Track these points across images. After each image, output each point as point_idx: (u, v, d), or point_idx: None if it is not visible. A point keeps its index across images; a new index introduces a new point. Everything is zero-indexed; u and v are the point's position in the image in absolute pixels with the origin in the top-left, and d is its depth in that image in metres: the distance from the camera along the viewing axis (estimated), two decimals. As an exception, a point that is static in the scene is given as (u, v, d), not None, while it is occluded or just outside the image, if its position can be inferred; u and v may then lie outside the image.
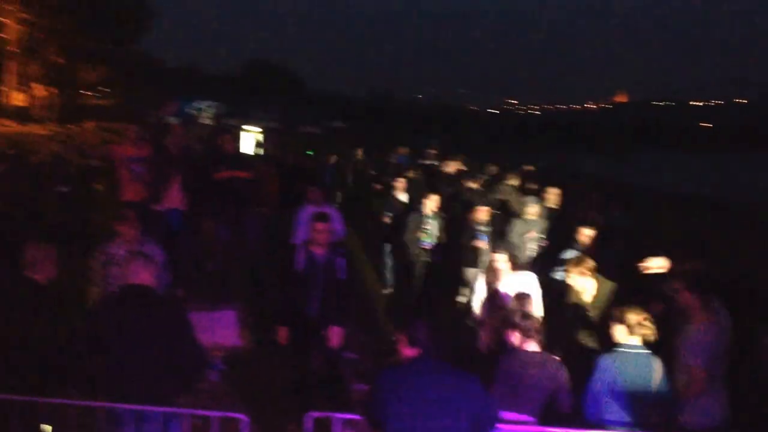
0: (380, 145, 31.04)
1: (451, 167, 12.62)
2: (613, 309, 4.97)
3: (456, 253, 9.27)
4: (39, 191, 12.59)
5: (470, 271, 8.57)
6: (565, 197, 10.76)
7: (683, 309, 5.06)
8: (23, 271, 4.75)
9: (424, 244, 9.02)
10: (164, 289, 5.54)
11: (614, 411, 4.55)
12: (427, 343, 3.75)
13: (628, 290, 6.38)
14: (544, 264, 8.27)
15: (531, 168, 14.34)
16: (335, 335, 6.40)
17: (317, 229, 6.40)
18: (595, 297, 6.02)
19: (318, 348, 6.50)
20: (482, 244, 8.77)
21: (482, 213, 9.02)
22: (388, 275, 10.17)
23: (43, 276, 4.78)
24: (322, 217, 6.53)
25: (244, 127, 28.55)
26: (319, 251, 6.40)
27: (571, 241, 8.21)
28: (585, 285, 6.03)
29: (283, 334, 6.35)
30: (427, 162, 12.97)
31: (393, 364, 4.17)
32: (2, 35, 33.04)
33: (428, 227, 9.04)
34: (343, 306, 6.44)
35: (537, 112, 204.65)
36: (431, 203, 9.16)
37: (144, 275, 4.44)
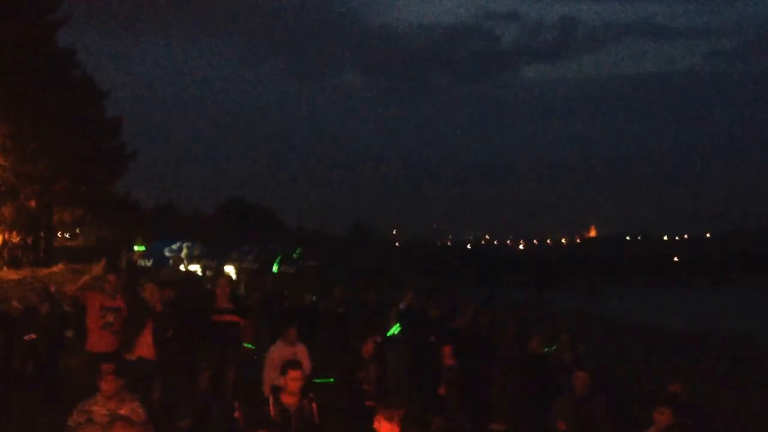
0: (355, 284, 31.14)
1: (433, 312, 12.60)
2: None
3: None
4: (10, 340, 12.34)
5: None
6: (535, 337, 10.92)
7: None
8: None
9: None
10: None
11: None
12: None
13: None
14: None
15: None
16: None
17: (290, 377, 6.28)
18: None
19: None
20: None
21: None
22: None
23: None
24: (294, 365, 6.45)
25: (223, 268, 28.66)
26: (290, 400, 6.26)
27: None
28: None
29: None
30: (402, 306, 12.90)
31: None
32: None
33: None
34: None
35: (509, 247, 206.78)
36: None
37: None
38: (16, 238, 37.96)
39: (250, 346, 12.47)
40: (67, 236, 48.04)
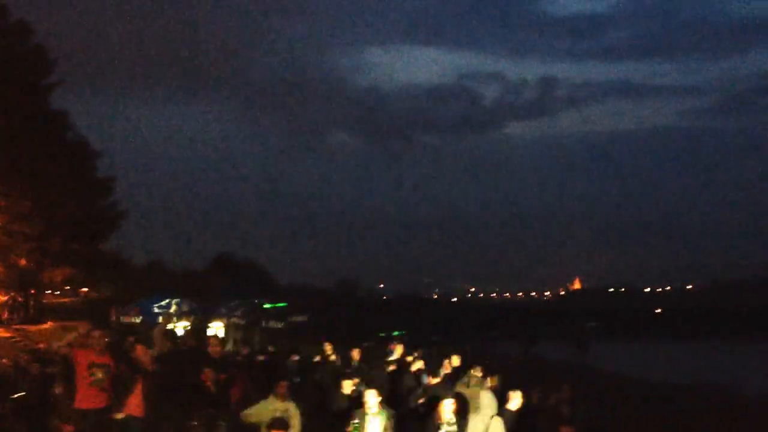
0: (345, 339, 31.36)
1: (415, 365, 12.75)
2: None
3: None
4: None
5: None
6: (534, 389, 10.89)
7: None
8: None
9: None
10: None
11: None
12: None
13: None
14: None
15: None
16: None
17: None
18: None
19: None
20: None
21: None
22: None
23: None
24: (279, 423, 6.87)
25: (209, 324, 28.79)
26: None
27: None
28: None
29: None
30: (391, 359, 13.22)
31: None
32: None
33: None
34: None
35: (496, 300, 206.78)
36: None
37: None
38: (3, 297, 37.96)
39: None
40: (58, 293, 48.00)
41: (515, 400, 8.62)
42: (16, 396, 12.66)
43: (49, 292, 46.79)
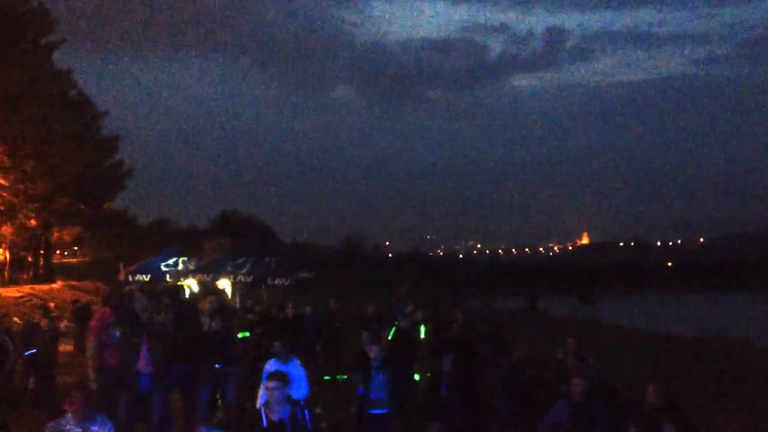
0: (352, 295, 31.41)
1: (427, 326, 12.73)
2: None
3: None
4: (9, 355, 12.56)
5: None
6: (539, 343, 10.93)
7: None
8: None
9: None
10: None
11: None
12: None
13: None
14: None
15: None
16: None
17: (268, 387, 6.38)
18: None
19: None
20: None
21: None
22: None
23: None
24: (272, 376, 6.49)
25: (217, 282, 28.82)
26: (277, 410, 6.31)
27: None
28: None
29: None
30: (404, 324, 13.00)
31: None
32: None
33: None
34: None
35: (502, 255, 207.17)
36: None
37: None
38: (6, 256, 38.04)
39: None
40: (66, 253, 48.27)
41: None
42: (27, 353, 12.64)
43: (59, 252, 46.96)
